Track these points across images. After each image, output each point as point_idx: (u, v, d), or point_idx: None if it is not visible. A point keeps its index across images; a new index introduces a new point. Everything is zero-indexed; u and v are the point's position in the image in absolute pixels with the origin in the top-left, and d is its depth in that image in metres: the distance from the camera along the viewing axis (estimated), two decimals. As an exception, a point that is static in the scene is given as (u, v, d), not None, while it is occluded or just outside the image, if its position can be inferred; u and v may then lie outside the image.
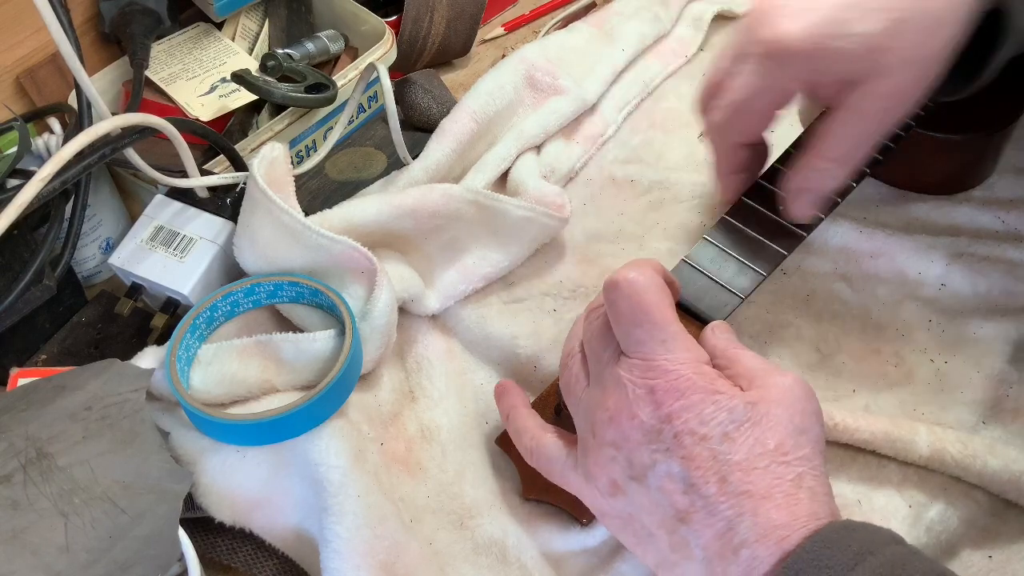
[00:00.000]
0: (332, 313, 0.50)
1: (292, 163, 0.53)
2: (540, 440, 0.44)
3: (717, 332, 0.44)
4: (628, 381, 0.39)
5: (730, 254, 0.50)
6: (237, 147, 0.55)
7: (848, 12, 0.44)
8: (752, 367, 0.40)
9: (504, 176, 0.61)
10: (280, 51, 0.61)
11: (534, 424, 0.45)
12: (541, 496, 0.47)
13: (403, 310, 0.54)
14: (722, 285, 0.48)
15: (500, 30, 0.77)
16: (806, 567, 0.34)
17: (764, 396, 0.38)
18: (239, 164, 0.54)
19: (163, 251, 0.52)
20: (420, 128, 0.65)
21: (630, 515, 0.40)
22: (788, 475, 0.36)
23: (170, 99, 0.61)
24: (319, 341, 0.47)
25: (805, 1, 0.45)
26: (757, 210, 0.52)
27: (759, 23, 0.47)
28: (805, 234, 0.51)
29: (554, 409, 0.48)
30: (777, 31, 0.45)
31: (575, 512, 0.46)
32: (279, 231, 0.49)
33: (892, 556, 0.34)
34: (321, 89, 0.58)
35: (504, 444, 0.49)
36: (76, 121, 0.50)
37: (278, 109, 0.61)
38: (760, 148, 0.53)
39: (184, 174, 0.52)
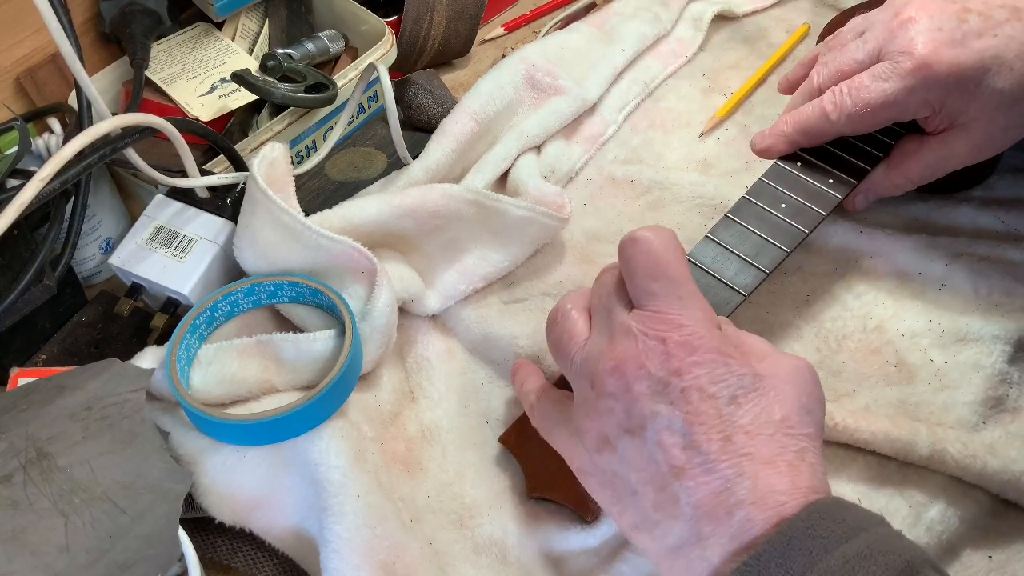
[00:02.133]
0: (332, 313, 0.50)
1: (292, 163, 0.53)
2: (542, 397, 0.45)
3: (722, 325, 0.44)
4: (639, 331, 0.38)
5: (732, 252, 0.50)
6: (237, 147, 0.55)
7: (993, 63, 0.48)
8: (761, 348, 0.40)
9: (504, 176, 0.61)
10: (280, 51, 0.61)
11: (541, 386, 0.46)
12: (545, 493, 0.47)
13: (403, 310, 0.54)
14: (724, 283, 0.48)
15: (500, 30, 0.77)
16: (800, 534, 0.33)
17: (774, 372, 0.38)
18: (239, 164, 0.54)
19: (163, 251, 0.52)
20: (420, 128, 0.65)
21: (614, 472, 0.39)
22: (792, 446, 0.36)
23: (170, 99, 0.61)
24: (319, 341, 0.47)
25: (954, 34, 0.48)
26: (759, 208, 0.52)
27: (908, 34, 0.49)
28: (807, 231, 0.51)
29: None
30: (938, 55, 0.48)
31: (579, 510, 0.46)
32: (279, 231, 0.49)
33: (882, 534, 0.34)
34: (321, 89, 0.58)
35: (508, 441, 0.49)
36: (76, 121, 0.50)
37: (278, 109, 0.61)
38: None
39: (184, 174, 0.52)
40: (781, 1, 0.77)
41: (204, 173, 0.53)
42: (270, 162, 0.50)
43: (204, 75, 0.62)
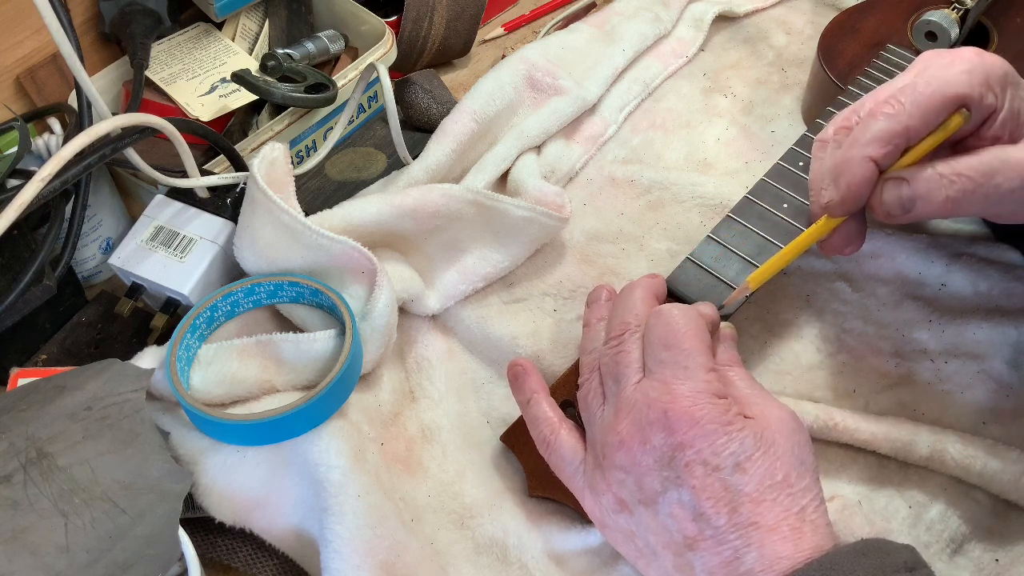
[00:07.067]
0: (332, 313, 0.50)
1: (292, 163, 0.53)
2: (558, 434, 0.44)
3: (720, 340, 0.44)
4: (644, 404, 0.40)
5: (734, 252, 0.50)
6: (237, 147, 0.55)
7: None
8: (747, 395, 0.41)
9: (504, 176, 0.61)
10: (280, 51, 0.61)
11: (555, 416, 0.45)
12: (547, 493, 0.47)
13: (403, 310, 0.54)
14: (726, 283, 0.48)
15: (500, 30, 0.77)
16: None
17: (767, 426, 0.39)
18: (239, 164, 0.54)
19: (163, 251, 0.52)
20: (420, 128, 0.65)
21: (633, 532, 0.40)
22: (794, 507, 0.37)
23: (170, 99, 0.61)
24: (319, 341, 0.47)
25: None
26: (761, 208, 0.52)
27: None
28: None
29: (560, 405, 0.48)
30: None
31: (580, 509, 0.46)
32: (279, 231, 0.49)
33: None
34: (321, 89, 0.58)
35: (510, 440, 0.49)
36: (76, 121, 0.50)
37: (278, 109, 0.61)
38: None
39: (184, 174, 0.52)
40: (782, 1, 0.77)
41: (204, 173, 0.53)
42: (270, 162, 0.50)
43: (204, 75, 0.62)
